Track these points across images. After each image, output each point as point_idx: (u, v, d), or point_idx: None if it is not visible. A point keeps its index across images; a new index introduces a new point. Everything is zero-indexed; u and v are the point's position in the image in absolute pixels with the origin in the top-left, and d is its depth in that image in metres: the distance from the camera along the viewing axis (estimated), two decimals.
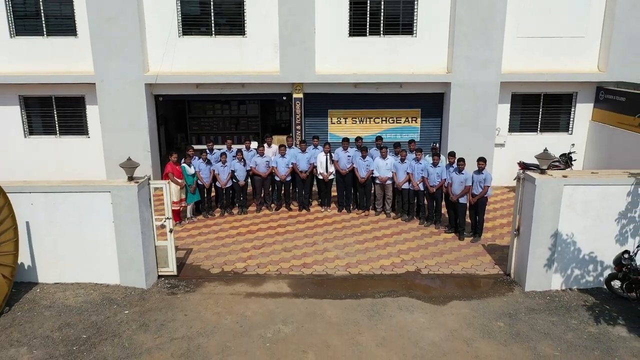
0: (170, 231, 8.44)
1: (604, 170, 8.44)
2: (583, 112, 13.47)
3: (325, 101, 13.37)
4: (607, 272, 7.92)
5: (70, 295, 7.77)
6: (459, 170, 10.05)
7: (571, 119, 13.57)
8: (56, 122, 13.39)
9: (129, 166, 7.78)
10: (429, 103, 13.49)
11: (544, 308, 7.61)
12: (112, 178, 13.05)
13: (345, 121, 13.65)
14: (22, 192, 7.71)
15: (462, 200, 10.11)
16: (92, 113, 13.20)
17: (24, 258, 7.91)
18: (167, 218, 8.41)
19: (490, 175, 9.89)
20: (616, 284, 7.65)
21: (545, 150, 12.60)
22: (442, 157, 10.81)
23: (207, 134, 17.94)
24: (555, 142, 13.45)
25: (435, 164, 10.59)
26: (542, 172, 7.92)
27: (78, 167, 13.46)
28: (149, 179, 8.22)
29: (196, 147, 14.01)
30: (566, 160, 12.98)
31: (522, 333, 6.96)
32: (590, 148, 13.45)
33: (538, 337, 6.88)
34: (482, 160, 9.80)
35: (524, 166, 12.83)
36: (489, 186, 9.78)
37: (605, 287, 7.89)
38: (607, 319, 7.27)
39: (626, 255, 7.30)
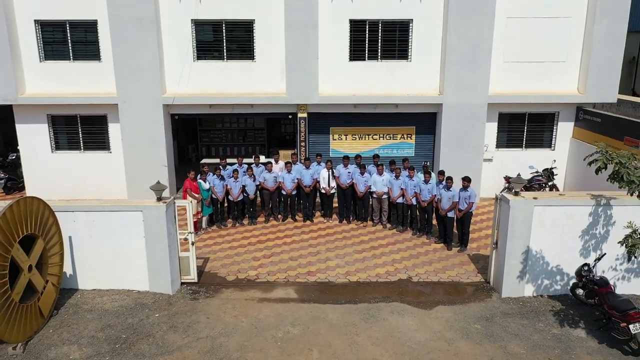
0: (192, 244, 9.66)
1: (570, 192, 9.61)
2: (564, 130, 14.64)
3: (328, 119, 14.56)
4: (572, 281, 9.10)
5: (107, 300, 8.99)
6: (447, 187, 11.25)
7: (553, 136, 14.74)
8: (81, 139, 14.59)
9: (158, 189, 8.99)
10: (423, 121, 14.67)
11: (516, 312, 8.81)
12: (132, 190, 14.36)
13: (346, 137, 14.84)
14: (67, 210, 8.92)
15: (450, 214, 11.32)
16: (114, 130, 14.39)
17: (66, 267, 9.11)
18: (190, 232, 9.62)
19: (475, 192, 11.09)
20: (580, 291, 8.83)
21: (530, 167, 13.92)
22: (433, 175, 12.00)
23: (216, 145, 19.23)
24: (538, 158, 14.66)
25: (426, 181, 11.79)
26: (516, 193, 9.10)
27: (100, 180, 14.67)
28: (174, 199, 9.42)
29: (207, 160, 15.29)
30: (548, 175, 14.16)
31: (495, 334, 8.16)
32: (570, 163, 14.63)
33: (509, 337, 8.08)
34: (466, 180, 11.00)
35: (509, 180, 14.04)
36: (473, 202, 10.98)
37: (570, 294, 9.07)
38: (569, 322, 8.47)
39: (586, 268, 8.50)
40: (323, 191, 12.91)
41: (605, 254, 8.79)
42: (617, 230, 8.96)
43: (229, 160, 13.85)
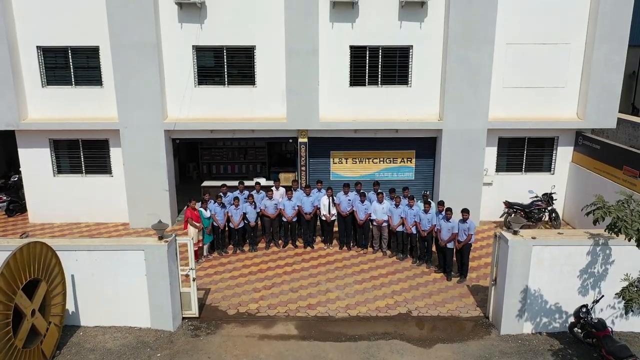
0: (194, 280, 9.74)
1: (568, 230, 9.67)
2: (564, 155, 14.70)
3: (328, 144, 14.64)
4: (571, 319, 9.17)
5: (109, 339, 9.07)
6: (447, 218, 11.31)
7: (553, 161, 14.80)
8: (82, 163, 14.67)
9: (159, 228, 9.06)
10: (423, 145, 14.74)
11: (515, 351, 8.88)
12: (133, 214, 14.46)
13: (346, 161, 14.91)
14: (69, 250, 8.99)
15: (449, 245, 11.39)
16: (116, 154, 14.46)
17: (69, 305, 9.19)
18: (191, 269, 9.70)
19: (474, 224, 11.17)
20: (578, 330, 8.89)
21: (530, 191, 13.97)
22: (433, 205, 12.06)
23: (217, 164, 19.37)
24: (538, 182, 14.72)
25: (426, 211, 11.86)
26: (515, 233, 9.17)
27: (102, 204, 14.78)
28: (176, 236, 9.50)
29: (208, 183, 15.35)
30: (547, 200, 14.23)
31: None
32: (570, 188, 14.69)
33: None
34: (465, 212, 11.07)
35: (508, 205, 14.16)
36: (472, 234, 11.05)
37: (569, 332, 9.13)
38: None
39: (584, 310, 8.57)
40: (323, 218, 12.98)
41: (603, 296, 8.86)
42: (615, 269, 9.04)
43: (230, 183, 13.98)
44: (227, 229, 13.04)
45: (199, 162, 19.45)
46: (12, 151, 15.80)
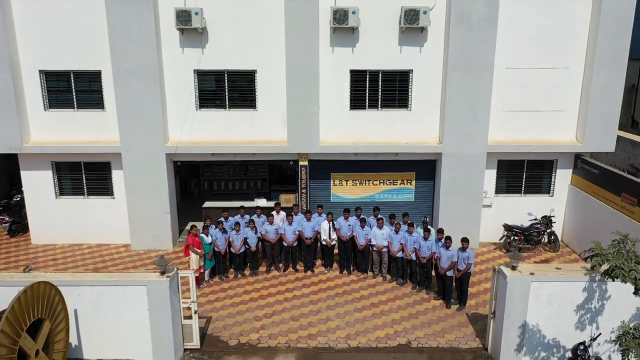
0: (195, 312, 9.83)
1: (566, 265, 9.75)
2: (563, 177, 14.78)
3: (328, 166, 14.72)
4: (569, 354, 9.26)
5: None
6: (446, 247, 11.40)
7: (552, 183, 14.88)
8: (84, 184, 14.77)
9: (162, 263, 9.16)
10: (423, 168, 14.83)
11: None
12: (135, 235, 14.57)
13: (347, 183, 15.00)
14: (72, 285, 9.09)
15: (449, 273, 11.48)
16: (117, 176, 14.56)
17: (71, 338, 9.29)
18: (193, 301, 9.80)
19: (473, 253, 11.27)
20: None
21: (529, 213, 14.04)
22: (432, 231, 12.15)
23: (218, 180, 19.46)
24: (537, 204, 14.80)
25: (425, 238, 11.95)
26: (513, 268, 9.26)
27: (104, 225, 14.88)
28: (177, 270, 9.60)
29: (209, 204, 15.43)
30: (546, 222, 14.32)
31: None
32: (569, 210, 14.77)
33: None
34: (465, 241, 11.16)
35: (508, 228, 14.26)
36: (471, 263, 11.15)
37: None
38: None
39: (581, 347, 8.66)
40: (324, 243, 13.08)
41: (600, 333, 8.96)
42: (612, 304, 9.16)
43: (231, 204, 14.11)
44: (228, 253, 13.12)
45: (200, 178, 19.55)
46: (14, 168, 15.86)
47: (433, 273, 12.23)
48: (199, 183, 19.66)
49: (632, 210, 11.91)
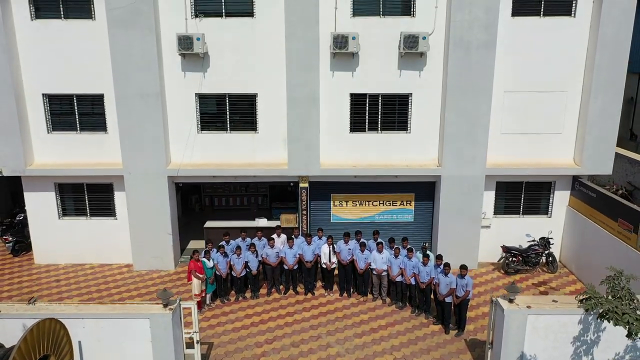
0: (198, 342, 9.99)
1: (563, 297, 9.89)
2: (561, 198, 14.92)
3: (329, 187, 14.87)
4: None
5: None
6: (445, 273, 11.55)
7: (550, 204, 15.02)
8: (87, 205, 14.92)
9: (165, 297, 9.30)
10: (422, 189, 14.97)
11: None
12: (137, 256, 14.73)
13: (347, 204, 15.15)
14: (77, 318, 9.23)
15: (447, 299, 11.63)
16: (120, 198, 14.71)
17: None
18: (195, 332, 9.95)
19: (472, 280, 11.41)
20: None
21: (528, 235, 14.16)
22: (431, 257, 12.30)
23: (219, 196, 19.59)
24: (535, 225, 14.94)
25: (425, 264, 12.10)
26: (510, 301, 9.40)
27: (106, 246, 15.05)
28: (180, 301, 9.74)
29: (211, 224, 15.56)
30: (544, 244, 14.46)
31: None
32: (567, 231, 14.92)
33: None
34: (464, 268, 11.31)
35: (506, 250, 14.41)
36: (470, 291, 11.29)
37: None
38: None
39: None
40: (324, 266, 13.23)
41: None
42: (608, 336, 9.30)
43: (232, 224, 14.35)
44: (229, 275, 13.25)
45: (201, 194, 19.70)
46: (17, 185, 15.93)
47: (432, 296, 12.38)
48: (200, 199, 19.81)
49: (629, 237, 12.05)
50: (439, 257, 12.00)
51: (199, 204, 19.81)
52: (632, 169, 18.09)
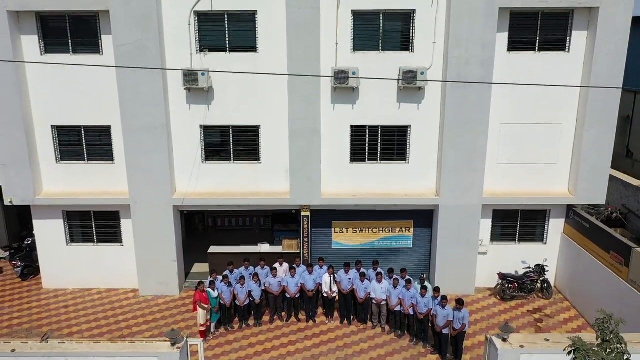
0: None
1: (555, 335, 10.27)
2: (556, 226, 15.31)
3: (330, 215, 15.26)
4: None
5: None
6: (442, 306, 11.95)
7: (545, 231, 15.41)
8: (94, 232, 15.33)
9: (172, 336, 9.70)
10: (421, 217, 15.37)
11: None
12: (142, 281, 15.14)
13: (347, 230, 15.55)
14: (88, 356, 9.63)
15: (445, 330, 12.03)
16: (126, 225, 15.12)
17: None
18: None
19: (468, 313, 11.82)
20: None
21: (523, 262, 14.56)
22: (429, 288, 12.70)
23: (222, 217, 19.96)
24: (531, 251, 15.34)
25: (423, 295, 12.49)
26: (504, 340, 9.80)
27: (112, 271, 15.48)
28: (187, 339, 10.14)
29: (216, 249, 15.94)
30: (539, 271, 14.86)
31: None
32: (562, 257, 15.31)
33: None
34: (460, 303, 11.70)
35: (502, 277, 14.82)
36: (466, 324, 11.69)
37: None
38: None
39: None
40: (325, 295, 13.63)
41: None
42: None
43: (236, 250, 14.85)
44: (233, 304, 13.64)
45: (204, 215, 20.08)
46: (24, 207, 16.24)
47: (430, 326, 12.77)
48: (204, 219, 20.20)
49: (620, 270, 12.44)
50: (436, 290, 12.40)
51: (203, 224, 20.21)
52: (627, 192, 18.50)
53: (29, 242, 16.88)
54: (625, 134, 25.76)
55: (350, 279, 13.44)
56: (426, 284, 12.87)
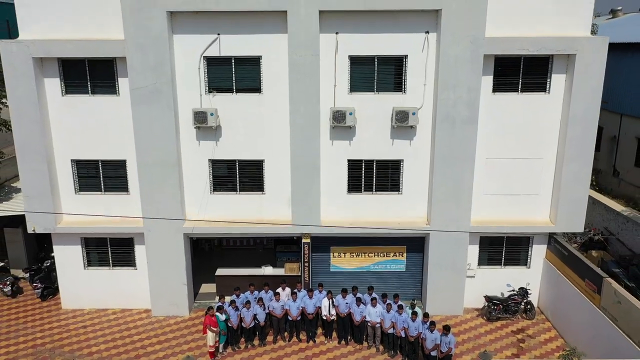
0: None
1: None
2: (539, 251, 16.47)
3: (329, 241, 16.44)
4: None
5: None
6: (431, 330, 13.13)
7: (529, 256, 16.58)
8: (110, 257, 16.51)
9: None
10: (413, 243, 16.55)
11: None
12: (155, 303, 16.31)
13: (345, 255, 16.73)
14: None
15: (433, 353, 13.22)
16: (140, 250, 16.31)
17: None
18: None
19: (454, 338, 13.03)
20: None
21: (508, 285, 15.71)
22: (419, 312, 13.88)
23: (227, 238, 21.07)
24: (515, 275, 16.51)
25: (413, 320, 13.68)
26: None
27: (127, 293, 16.64)
28: None
29: (223, 272, 17.10)
30: (523, 294, 16.04)
31: None
32: (544, 280, 16.49)
33: None
34: (446, 328, 12.90)
35: (488, 299, 15.99)
36: (452, 347, 12.88)
37: None
38: None
39: None
40: (324, 318, 14.82)
41: None
42: None
43: (242, 272, 16.03)
44: (240, 326, 14.81)
45: None
46: None
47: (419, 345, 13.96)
48: (210, 239, 21.34)
49: (594, 297, 13.61)
50: (425, 315, 13.63)
51: (209, 244, 21.37)
52: (608, 215, 19.67)
53: (48, 264, 18.05)
54: (612, 153, 26.91)
55: (347, 303, 14.63)
56: (416, 309, 14.04)
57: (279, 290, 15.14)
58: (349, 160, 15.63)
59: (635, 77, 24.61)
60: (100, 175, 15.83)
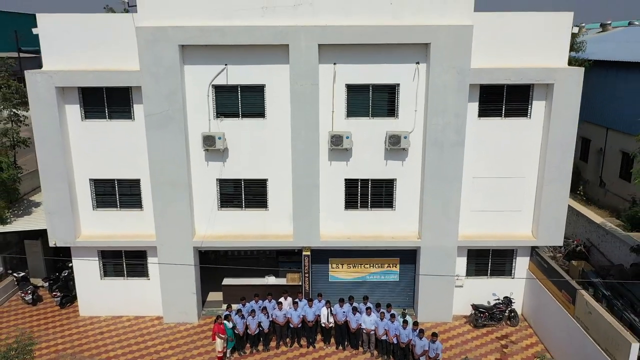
0: None
1: None
2: (522, 263, 17.76)
3: (327, 253, 17.74)
4: None
5: None
6: (420, 337, 14.43)
7: (513, 267, 17.87)
8: (125, 268, 17.82)
9: None
10: (406, 255, 17.84)
11: None
12: (167, 310, 17.61)
13: (342, 266, 18.03)
14: None
15: (422, 358, 14.51)
16: (152, 262, 17.60)
17: None
18: None
19: (442, 345, 14.34)
20: None
21: (494, 294, 17.00)
22: (409, 321, 15.17)
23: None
24: (501, 285, 17.79)
25: (404, 328, 14.98)
26: None
27: (140, 301, 17.94)
28: None
29: (229, 281, 18.38)
30: (507, 302, 17.33)
31: None
32: (527, 291, 17.78)
33: None
34: (434, 335, 14.20)
35: (475, 308, 17.27)
36: (439, 353, 14.18)
37: None
38: None
39: None
40: (323, 325, 16.12)
41: None
42: None
43: (246, 281, 17.22)
44: (245, 332, 16.11)
45: None
46: None
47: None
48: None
49: (569, 307, 14.89)
50: (415, 324, 14.92)
51: (215, 253, 22.63)
52: (589, 227, 20.93)
53: (65, 273, 19.35)
54: (599, 165, 28.21)
55: (344, 312, 15.94)
56: (407, 317, 15.34)
57: (282, 299, 16.44)
58: (346, 180, 16.91)
59: (620, 94, 25.92)
60: (116, 193, 17.12)
